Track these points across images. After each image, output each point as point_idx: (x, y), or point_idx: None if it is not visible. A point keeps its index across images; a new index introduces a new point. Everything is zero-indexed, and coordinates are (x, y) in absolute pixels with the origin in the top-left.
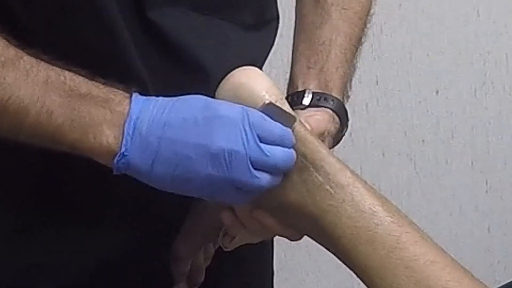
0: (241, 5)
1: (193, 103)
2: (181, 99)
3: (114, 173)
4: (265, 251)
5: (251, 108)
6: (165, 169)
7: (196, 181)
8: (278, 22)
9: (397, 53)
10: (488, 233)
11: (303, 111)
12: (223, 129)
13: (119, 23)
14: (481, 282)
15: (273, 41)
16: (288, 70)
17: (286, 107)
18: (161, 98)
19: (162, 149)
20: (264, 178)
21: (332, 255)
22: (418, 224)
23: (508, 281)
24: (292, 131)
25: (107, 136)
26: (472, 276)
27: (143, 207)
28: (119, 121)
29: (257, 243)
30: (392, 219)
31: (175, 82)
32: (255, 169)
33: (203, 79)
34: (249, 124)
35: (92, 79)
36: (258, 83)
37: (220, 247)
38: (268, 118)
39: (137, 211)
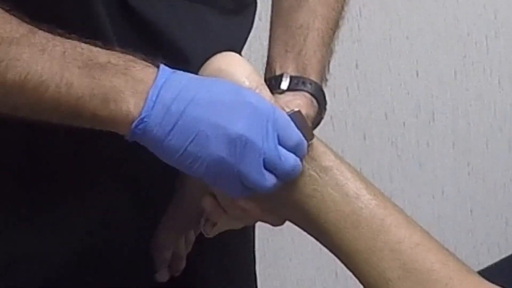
0: None
1: (224, 85)
2: (213, 80)
3: (128, 139)
4: (246, 237)
5: (279, 108)
6: (180, 141)
7: (205, 161)
8: (256, 5)
9: (376, 36)
10: (470, 215)
11: (282, 95)
12: (248, 116)
13: (101, 10)
14: (465, 264)
15: (252, 25)
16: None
17: (267, 93)
18: (190, 74)
19: (182, 122)
20: (270, 180)
21: (315, 240)
22: (400, 208)
23: (492, 262)
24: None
25: (128, 102)
26: (457, 258)
27: (124, 195)
28: (141, 87)
29: (238, 229)
30: (376, 202)
31: None
32: (265, 168)
33: (183, 65)
34: (274, 121)
35: (110, 49)
36: (238, 69)
37: (200, 233)
38: (293, 124)
39: (118, 199)
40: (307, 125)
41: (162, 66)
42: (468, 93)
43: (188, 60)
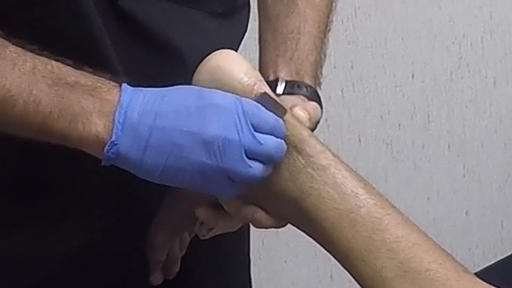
0: None
1: (186, 92)
2: (173, 89)
3: (103, 163)
4: (241, 239)
5: (244, 98)
6: (156, 158)
7: (188, 170)
8: (249, 9)
9: (371, 38)
10: (466, 216)
11: (283, 97)
12: (217, 117)
13: (93, 11)
14: (462, 265)
15: (246, 28)
16: None
17: (267, 88)
18: (151, 88)
19: (154, 138)
20: (257, 167)
21: (310, 242)
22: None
23: (487, 264)
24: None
25: (96, 124)
26: (454, 258)
27: (117, 196)
28: (109, 109)
29: (233, 232)
30: (374, 201)
31: (152, 70)
32: (248, 158)
33: (180, 65)
34: (244, 113)
35: (79, 68)
36: (236, 65)
37: (195, 235)
38: (262, 107)
39: (111, 200)
40: (277, 103)
41: (124, 85)
42: (464, 94)
43: (184, 60)
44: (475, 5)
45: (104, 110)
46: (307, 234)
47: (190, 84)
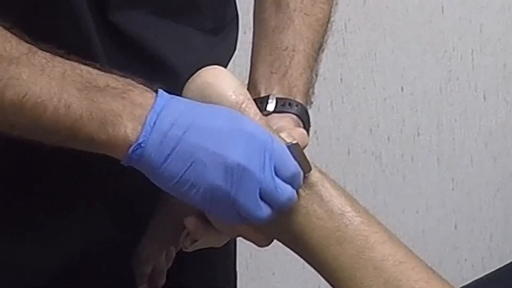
0: (201, 10)
1: (223, 113)
2: (211, 106)
3: (123, 163)
4: (228, 251)
5: (276, 137)
6: (176, 168)
7: (201, 188)
8: (238, 21)
9: (361, 50)
10: (455, 230)
11: (269, 117)
12: (246, 145)
13: (90, 26)
14: (449, 283)
15: (235, 43)
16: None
17: (253, 108)
18: (188, 100)
19: (179, 149)
20: (266, 211)
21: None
22: (384, 222)
23: (476, 278)
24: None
25: (125, 126)
26: (441, 276)
27: (107, 209)
28: (140, 112)
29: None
30: (361, 219)
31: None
32: (261, 198)
33: (171, 78)
34: (272, 151)
35: (109, 71)
36: (225, 83)
37: (181, 249)
38: (290, 154)
39: (101, 213)
40: (304, 156)
41: (160, 91)
42: (453, 108)
43: (176, 75)
44: (465, 18)
45: (135, 112)
46: (294, 251)
47: None
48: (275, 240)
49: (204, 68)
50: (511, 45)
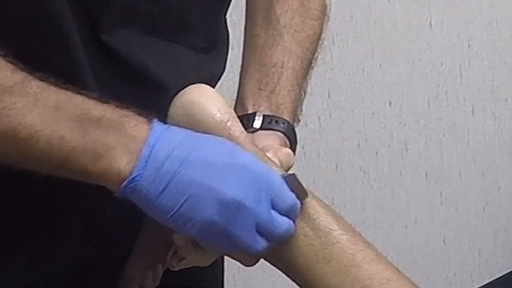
0: (194, 29)
1: (219, 146)
2: (206, 139)
3: (117, 195)
4: (215, 268)
5: (273, 170)
6: (172, 202)
7: (197, 223)
8: (228, 41)
9: (349, 65)
10: (443, 245)
11: (255, 134)
12: (242, 180)
13: (78, 45)
14: None
15: (225, 63)
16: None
17: (238, 126)
18: (183, 130)
19: (175, 183)
20: (262, 244)
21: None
22: (373, 237)
23: None
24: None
25: (119, 160)
26: None
27: (94, 230)
28: (134, 146)
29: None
30: (348, 237)
31: (134, 104)
32: (257, 232)
33: (162, 97)
34: (268, 185)
35: (104, 102)
36: (210, 101)
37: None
38: (286, 187)
39: (87, 234)
40: (301, 186)
41: (155, 122)
42: (442, 122)
43: (167, 94)
44: (453, 33)
45: (129, 146)
46: (280, 270)
47: None
48: None
49: (190, 86)
50: (499, 59)
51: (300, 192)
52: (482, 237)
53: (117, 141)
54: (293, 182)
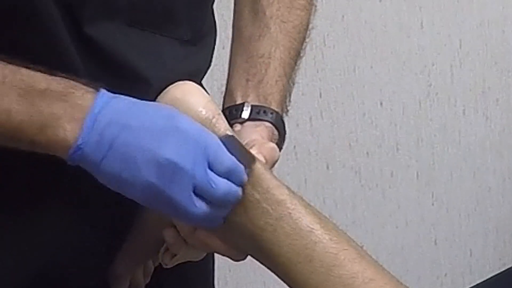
0: (178, 20)
1: (157, 110)
2: (146, 104)
3: (68, 163)
4: (206, 267)
5: (211, 133)
6: (114, 167)
7: (138, 186)
8: (215, 33)
9: (340, 65)
10: (435, 245)
11: (243, 125)
12: (177, 142)
13: (61, 37)
14: None
15: (212, 55)
16: None
17: (223, 123)
18: (127, 98)
19: (114, 149)
20: (201, 207)
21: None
22: (364, 237)
23: None
24: (251, 172)
25: (65, 129)
26: None
27: (80, 221)
28: (79, 114)
29: (198, 260)
30: (330, 237)
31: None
32: (195, 194)
33: (146, 90)
34: (205, 147)
35: (51, 74)
36: (195, 98)
37: (160, 264)
38: (224, 148)
39: (74, 225)
40: (244, 149)
41: (102, 91)
42: (432, 123)
43: (151, 87)
44: (444, 33)
45: (75, 115)
46: (266, 267)
47: None
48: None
49: (175, 84)
50: (490, 60)
51: (243, 155)
52: (473, 238)
53: (63, 111)
54: (232, 145)
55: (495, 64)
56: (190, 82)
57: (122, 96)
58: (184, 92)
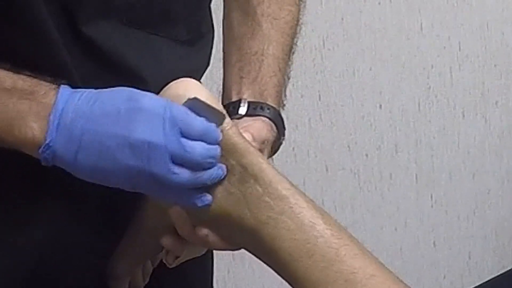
0: (175, 20)
1: (117, 94)
2: (106, 91)
3: (42, 163)
4: (205, 268)
5: (175, 102)
6: (88, 160)
7: (117, 172)
8: (213, 34)
9: (339, 67)
10: (433, 247)
11: (240, 120)
12: (145, 120)
13: (56, 37)
14: None
15: (210, 55)
16: None
17: (227, 118)
18: (88, 90)
19: (85, 140)
20: (183, 174)
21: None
22: (363, 239)
23: None
24: (221, 129)
25: (32, 128)
26: None
27: (74, 218)
28: (45, 112)
29: (197, 260)
30: (331, 232)
31: None
32: (174, 164)
33: (143, 88)
34: (171, 118)
35: (17, 72)
36: (195, 94)
37: (158, 264)
38: (192, 113)
39: (69, 223)
40: (211, 108)
41: (62, 87)
42: (432, 125)
43: (148, 87)
44: (443, 35)
45: (40, 113)
46: (264, 262)
47: None
48: (252, 258)
49: (175, 81)
50: (489, 62)
51: (212, 113)
52: (472, 240)
53: (28, 110)
54: (199, 107)
55: (494, 67)
56: (191, 79)
57: (80, 89)
58: (185, 88)
